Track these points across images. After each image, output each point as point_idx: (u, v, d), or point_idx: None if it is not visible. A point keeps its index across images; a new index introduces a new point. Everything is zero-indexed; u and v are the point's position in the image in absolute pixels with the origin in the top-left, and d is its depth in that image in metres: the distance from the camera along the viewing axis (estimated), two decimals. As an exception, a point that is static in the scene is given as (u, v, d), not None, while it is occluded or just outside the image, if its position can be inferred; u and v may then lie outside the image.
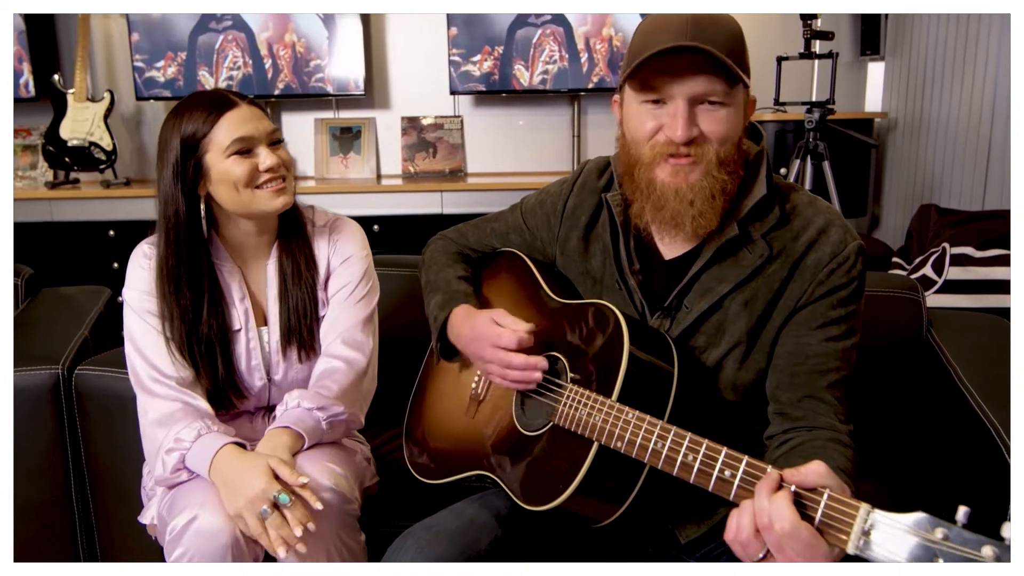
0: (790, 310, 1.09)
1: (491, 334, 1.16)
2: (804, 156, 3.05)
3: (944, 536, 0.72)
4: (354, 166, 3.75)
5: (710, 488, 0.92)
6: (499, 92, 3.61)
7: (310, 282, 1.41)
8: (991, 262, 2.28)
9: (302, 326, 1.39)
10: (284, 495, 1.16)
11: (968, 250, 2.33)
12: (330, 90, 3.60)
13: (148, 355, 1.32)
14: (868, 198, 3.56)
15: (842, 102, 3.44)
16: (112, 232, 3.44)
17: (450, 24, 3.52)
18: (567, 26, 3.52)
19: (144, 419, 1.31)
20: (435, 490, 1.30)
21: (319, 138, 3.74)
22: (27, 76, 3.53)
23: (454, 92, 3.60)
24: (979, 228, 2.40)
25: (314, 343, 1.41)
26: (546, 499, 1.06)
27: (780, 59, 3.18)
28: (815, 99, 3.23)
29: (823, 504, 0.81)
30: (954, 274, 2.32)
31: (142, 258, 1.36)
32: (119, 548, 1.61)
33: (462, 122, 3.76)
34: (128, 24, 3.52)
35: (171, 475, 1.26)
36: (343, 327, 1.40)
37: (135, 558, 1.56)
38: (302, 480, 1.18)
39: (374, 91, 3.75)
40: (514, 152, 3.80)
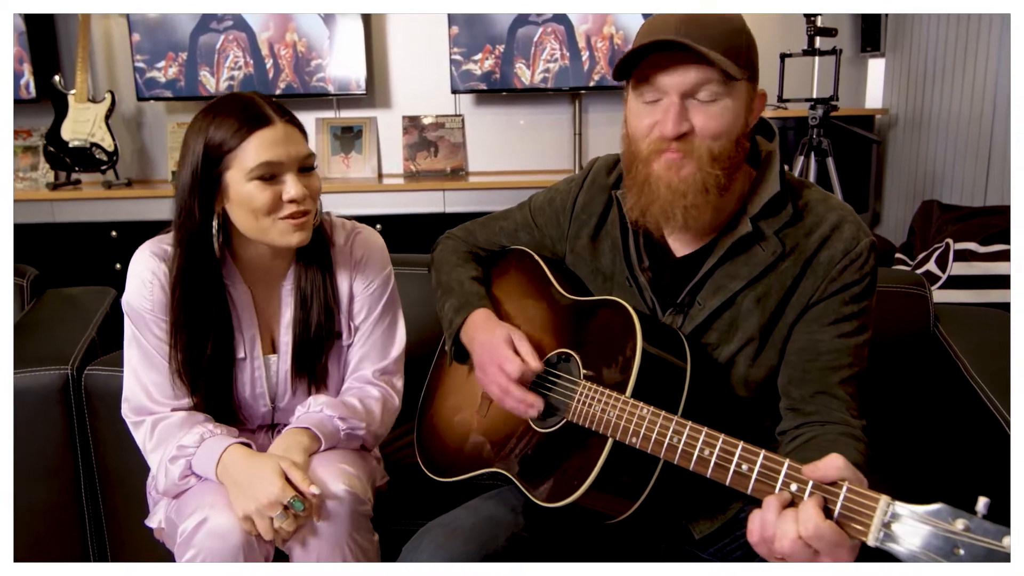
0: (803, 307, 1.09)
1: (501, 356, 1.16)
2: (808, 153, 3.05)
3: (965, 527, 0.71)
4: (355, 165, 3.75)
5: (727, 482, 0.92)
6: (500, 91, 3.61)
7: (329, 310, 1.31)
8: (994, 257, 2.29)
9: (315, 359, 1.33)
10: (299, 502, 1.14)
11: (972, 245, 2.34)
12: (331, 90, 3.60)
13: (144, 380, 1.27)
14: (869, 194, 3.56)
15: (843, 99, 3.44)
16: (114, 233, 3.44)
17: (451, 23, 3.53)
18: (568, 24, 3.52)
19: (145, 449, 1.29)
20: (446, 488, 1.30)
21: (320, 138, 3.74)
22: (28, 77, 3.53)
23: (455, 91, 3.61)
24: (981, 223, 2.40)
25: (327, 377, 1.35)
26: (561, 496, 1.06)
27: (783, 56, 3.18)
28: (816, 96, 3.23)
29: (842, 497, 0.81)
30: (958, 269, 2.32)
31: (147, 272, 1.25)
32: (129, 548, 1.60)
33: (463, 121, 3.76)
34: (129, 24, 3.51)
35: (180, 482, 1.24)
36: (377, 359, 1.36)
37: (145, 558, 1.56)
38: (314, 490, 1.16)
39: (375, 90, 3.75)
40: (515, 151, 3.81)
